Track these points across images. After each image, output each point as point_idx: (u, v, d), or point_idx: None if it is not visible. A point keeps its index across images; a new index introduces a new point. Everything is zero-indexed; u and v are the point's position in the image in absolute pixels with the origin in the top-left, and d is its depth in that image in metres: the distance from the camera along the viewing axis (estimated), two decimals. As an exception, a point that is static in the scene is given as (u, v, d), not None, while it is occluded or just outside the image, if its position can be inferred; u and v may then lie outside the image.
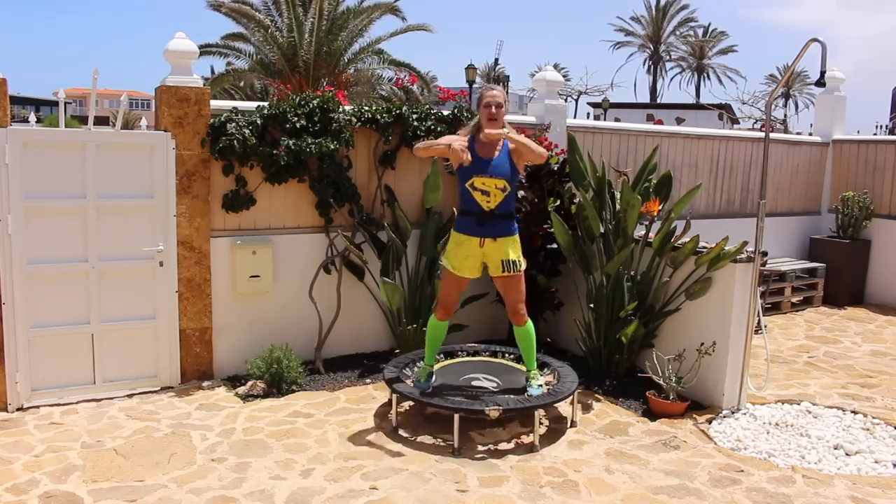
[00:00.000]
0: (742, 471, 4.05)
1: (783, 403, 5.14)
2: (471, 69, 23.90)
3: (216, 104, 5.19)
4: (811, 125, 10.41)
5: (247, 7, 17.34)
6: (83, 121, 7.14)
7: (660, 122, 21.76)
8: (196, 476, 3.87)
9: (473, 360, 5.12)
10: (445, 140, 4.41)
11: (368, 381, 5.35)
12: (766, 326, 6.97)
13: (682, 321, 5.21)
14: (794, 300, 8.07)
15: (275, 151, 5.20)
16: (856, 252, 8.33)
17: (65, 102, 4.93)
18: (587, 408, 4.94)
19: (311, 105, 5.33)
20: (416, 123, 5.71)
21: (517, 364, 5.02)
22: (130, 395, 5.01)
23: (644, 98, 45.80)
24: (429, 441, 4.37)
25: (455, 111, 5.99)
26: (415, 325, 5.69)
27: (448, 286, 4.58)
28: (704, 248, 5.06)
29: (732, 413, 4.88)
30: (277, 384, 5.08)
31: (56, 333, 4.84)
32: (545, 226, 5.80)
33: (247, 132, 5.10)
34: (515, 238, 4.49)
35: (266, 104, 5.34)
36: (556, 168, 5.87)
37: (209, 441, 4.30)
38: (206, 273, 5.21)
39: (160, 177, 5.00)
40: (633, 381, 5.28)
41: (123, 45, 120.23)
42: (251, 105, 5.32)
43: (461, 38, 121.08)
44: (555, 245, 5.81)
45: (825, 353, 6.44)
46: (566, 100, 35.85)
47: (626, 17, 47.65)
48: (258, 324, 5.47)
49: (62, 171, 4.73)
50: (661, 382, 4.90)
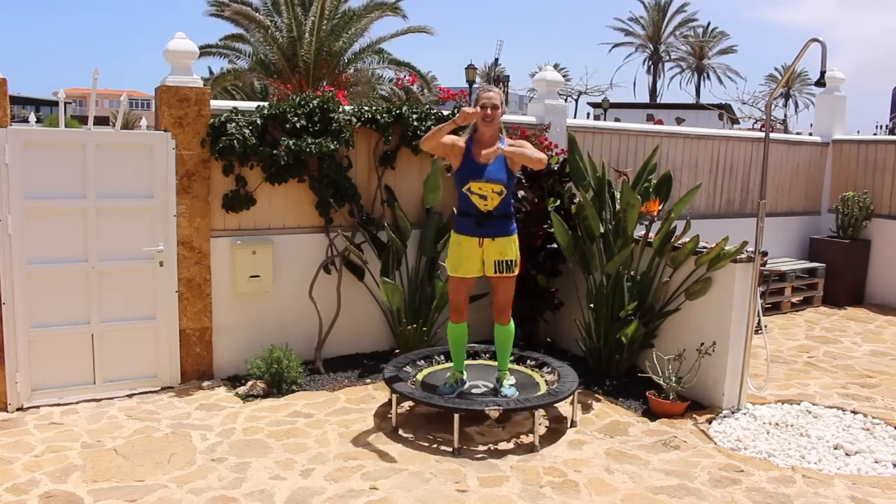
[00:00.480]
0: (742, 471, 4.05)
1: (783, 403, 5.15)
2: (471, 69, 23.90)
3: (216, 104, 5.19)
4: (811, 125, 10.41)
5: (247, 8, 17.34)
6: (83, 121, 7.14)
7: (660, 122, 21.76)
8: (196, 476, 3.87)
9: (474, 364, 5.10)
10: (443, 126, 4.28)
11: (368, 381, 5.35)
12: (766, 326, 6.97)
13: (682, 321, 5.21)
14: (794, 300, 8.07)
15: (275, 151, 5.20)
16: (856, 252, 8.33)
17: (65, 102, 4.94)
18: (587, 408, 4.95)
19: (311, 105, 5.33)
20: (416, 123, 5.71)
21: (516, 366, 5.01)
22: (130, 395, 5.01)
23: (644, 98, 45.83)
24: (429, 441, 4.38)
25: (455, 111, 5.98)
26: (415, 326, 5.69)
27: (456, 290, 4.59)
28: (704, 248, 5.06)
29: (732, 413, 4.88)
30: (277, 384, 5.08)
31: (56, 333, 4.84)
32: (545, 226, 5.80)
33: (247, 132, 5.10)
34: (514, 238, 4.50)
35: (266, 104, 5.34)
36: (556, 168, 5.86)
37: (209, 441, 4.30)
38: (206, 273, 5.21)
39: (160, 177, 5.00)
40: (633, 381, 5.28)
41: (123, 45, 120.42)
42: (251, 105, 5.32)
43: (461, 38, 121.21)
44: (555, 245, 5.81)
45: (825, 353, 6.44)
46: (566, 100, 35.83)
47: (626, 18, 47.69)
48: (258, 324, 5.47)
49: (62, 171, 4.73)
50: (661, 382, 4.90)
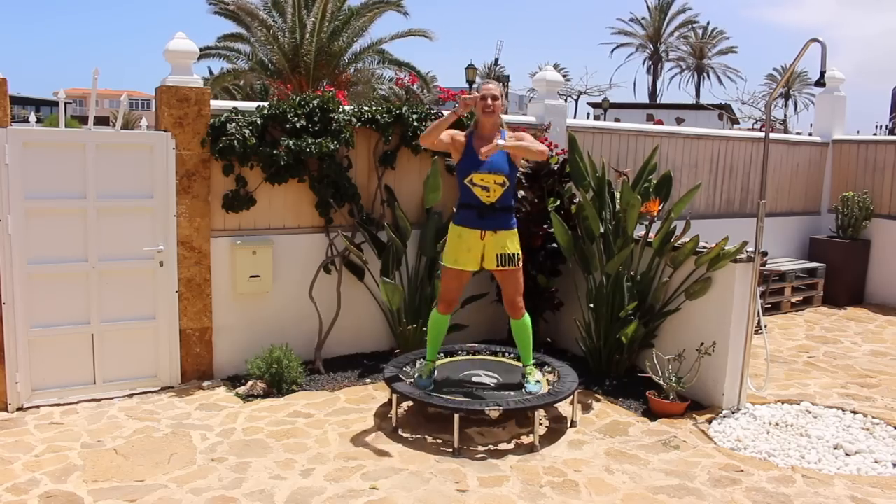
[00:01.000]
0: (742, 471, 4.05)
1: (783, 403, 5.15)
2: (471, 69, 23.89)
3: (216, 104, 5.19)
4: (811, 125, 10.41)
5: (250, 6, 17.37)
6: (83, 121, 7.14)
7: (660, 122, 21.77)
8: (196, 476, 3.87)
9: (474, 359, 5.13)
10: (444, 118, 4.38)
11: (368, 381, 5.35)
12: (766, 326, 6.98)
13: (682, 321, 5.21)
14: (794, 300, 8.07)
15: (275, 151, 5.20)
16: (856, 252, 8.33)
17: (65, 102, 4.93)
18: (587, 408, 4.95)
19: (311, 105, 5.33)
20: (416, 123, 5.71)
21: (517, 362, 5.02)
22: (130, 395, 5.01)
23: (644, 98, 45.85)
24: (429, 441, 4.38)
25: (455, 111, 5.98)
26: (415, 325, 5.69)
27: (449, 281, 4.60)
28: (704, 248, 5.06)
29: (732, 413, 4.89)
30: (277, 384, 5.08)
31: (56, 333, 4.84)
32: (545, 226, 5.80)
33: (247, 132, 5.10)
34: (514, 231, 4.54)
35: (266, 104, 5.34)
36: (556, 168, 5.87)
37: (209, 441, 4.30)
38: (206, 273, 5.21)
39: (160, 177, 5.00)
40: (633, 381, 5.28)
41: (123, 45, 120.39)
42: (251, 105, 5.32)
43: (461, 38, 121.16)
44: (555, 245, 5.81)
45: (825, 353, 6.44)
46: (566, 100, 35.84)
47: (626, 18, 47.74)
48: (258, 324, 5.47)
49: (62, 171, 4.73)
50: (661, 382, 4.90)
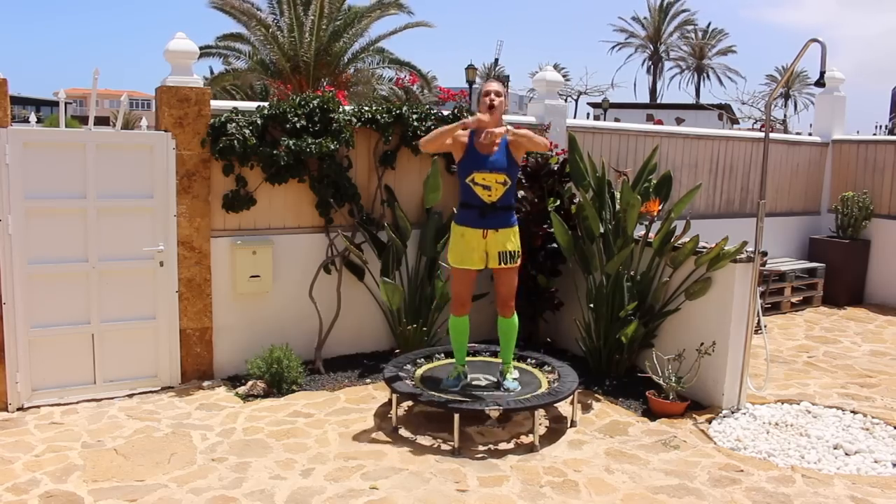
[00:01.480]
0: (742, 470, 4.05)
1: (783, 403, 5.15)
2: (471, 69, 23.88)
3: (216, 104, 5.19)
4: (811, 125, 10.41)
5: (248, 5, 17.36)
6: (83, 121, 7.14)
7: (660, 122, 21.77)
8: (196, 476, 3.87)
9: (474, 360, 5.13)
10: (450, 127, 4.42)
11: (368, 381, 5.35)
12: (766, 326, 6.98)
13: (682, 321, 5.21)
14: (794, 300, 8.08)
15: (275, 151, 5.20)
16: (855, 252, 8.33)
17: (65, 102, 4.94)
18: (587, 408, 4.95)
19: (312, 105, 5.34)
20: (416, 123, 5.71)
21: (517, 363, 5.02)
22: (131, 395, 5.02)
23: (644, 98, 45.85)
24: (429, 441, 4.38)
25: (455, 111, 6.00)
26: (415, 325, 5.70)
27: (458, 282, 4.63)
28: (704, 248, 5.06)
29: (732, 413, 4.89)
30: (277, 384, 5.08)
31: (56, 333, 4.84)
32: (545, 226, 5.80)
33: (247, 132, 5.10)
34: (515, 229, 4.59)
35: (266, 104, 5.34)
36: (556, 168, 5.87)
37: (209, 441, 4.30)
38: (207, 273, 5.21)
39: (160, 177, 5.00)
40: (633, 381, 5.28)
41: (123, 45, 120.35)
42: (251, 105, 5.32)
43: (461, 38, 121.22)
44: (555, 245, 5.82)
45: (825, 353, 6.45)
46: (566, 100, 35.86)
47: (627, 18, 47.74)
48: (258, 324, 5.47)
49: (62, 171, 4.73)
50: (661, 382, 4.90)
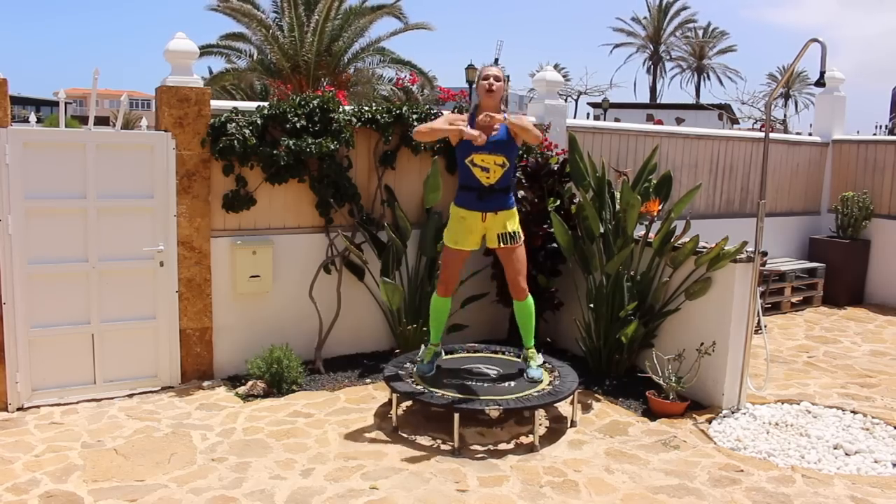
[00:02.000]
0: (742, 470, 4.05)
1: (783, 403, 5.15)
2: (471, 69, 23.87)
3: (216, 104, 5.19)
4: (811, 125, 10.41)
5: (249, 6, 17.36)
6: (83, 121, 7.14)
7: (660, 122, 21.79)
8: (196, 476, 3.87)
9: (473, 356, 5.13)
10: (443, 123, 4.54)
11: (368, 381, 5.35)
12: (766, 326, 6.98)
13: (682, 321, 5.21)
14: (794, 300, 8.08)
15: (275, 151, 5.20)
16: (855, 252, 8.33)
17: (65, 102, 4.93)
18: (587, 408, 4.95)
19: (312, 105, 5.34)
20: (416, 123, 5.71)
21: (517, 359, 5.03)
22: (131, 395, 5.02)
23: (644, 98, 45.87)
24: (429, 441, 4.38)
25: (455, 111, 5.98)
26: (415, 325, 5.70)
27: (449, 261, 4.67)
28: (704, 248, 5.06)
29: (732, 413, 4.89)
30: (277, 384, 5.08)
31: (56, 333, 4.84)
32: (545, 226, 5.80)
33: (247, 132, 5.10)
34: (514, 211, 4.62)
35: (266, 104, 5.34)
36: (556, 168, 5.87)
37: (209, 441, 4.30)
38: (207, 273, 5.21)
39: (160, 177, 5.00)
40: (633, 381, 5.28)
41: (123, 45, 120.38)
42: (251, 105, 5.32)
43: (461, 38, 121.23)
44: (555, 245, 5.82)
45: (825, 353, 6.45)
46: (566, 100, 35.85)
47: (627, 18, 47.77)
48: (258, 324, 5.47)
49: (62, 171, 4.73)
50: (661, 382, 4.90)
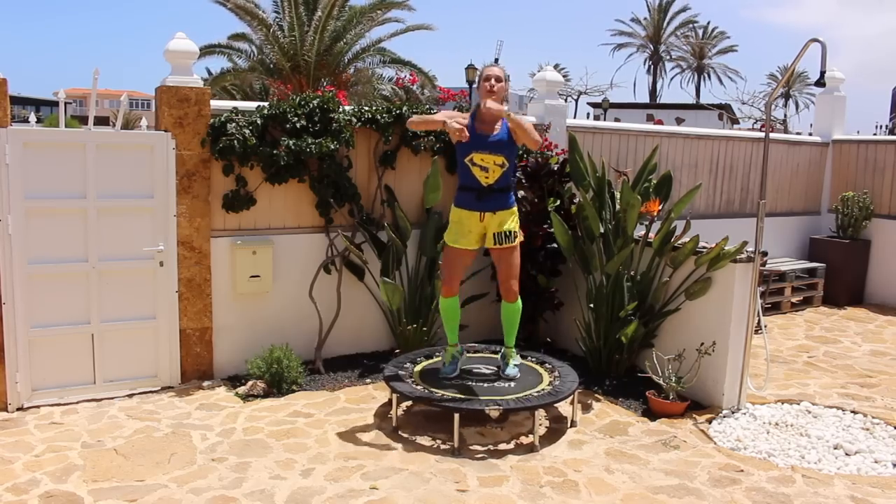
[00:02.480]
0: (742, 470, 4.05)
1: (783, 403, 5.15)
2: (471, 69, 23.87)
3: (216, 104, 5.19)
4: (811, 125, 10.41)
5: (251, 5, 17.36)
6: (83, 121, 7.15)
7: (660, 122, 21.79)
8: (196, 476, 3.87)
9: (473, 356, 5.13)
10: (441, 116, 4.56)
11: (368, 381, 5.35)
12: (766, 326, 6.97)
13: (682, 321, 5.21)
14: (794, 300, 8.08)
15: (275, 151, 5.20)
16: (856, 252, 8.33)
17: (65, 102, 4.93)
18: (587, 408, 4.95)
19: (312, 105, 5.34)
20: (416, 123, 5.71)
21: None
22: (131, 395, 5.02)
23: (644, 98, 45.87)
24: (429, 441, 4.38)
25: (455, 111, 5.99)
26: (415, 325, 5.70)
27: (451, 259, 4.67)
28: (704, 248, 5.06)
29: (732, 413, 4.89)
30: (277, 384, 5.08)
31: (56, 333, 4.84)
32: (545, 226, 5.80)
33: (247, 132, 5.10)
34: (513, 210, 4.60)
35: (266, 104, 5.34)
36: (556, 168, 5.87)
37: (209, 441, 4.30)
38: (207, 273, 5.21)
39: (160, 177, 5.00)
40: (633, 381, 5.28)
41: (123, 45, 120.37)
42: (251, 105, 5.32)
43: (461, 38, 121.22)
44: (555, 245, 5.82)
45: (825, 353, 6.45)
46: (566, 100, 35.85)
47: (627, 19, 47.79)
48: (258, 324, 5.47)
49: (62, 172, 4.73)
50: (661, 382, 4.90)
